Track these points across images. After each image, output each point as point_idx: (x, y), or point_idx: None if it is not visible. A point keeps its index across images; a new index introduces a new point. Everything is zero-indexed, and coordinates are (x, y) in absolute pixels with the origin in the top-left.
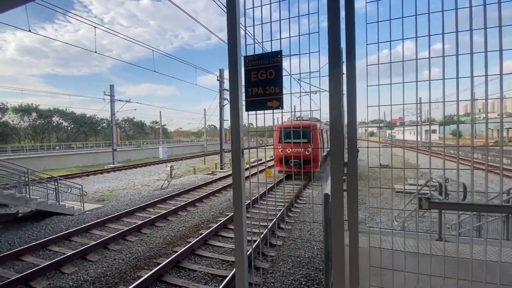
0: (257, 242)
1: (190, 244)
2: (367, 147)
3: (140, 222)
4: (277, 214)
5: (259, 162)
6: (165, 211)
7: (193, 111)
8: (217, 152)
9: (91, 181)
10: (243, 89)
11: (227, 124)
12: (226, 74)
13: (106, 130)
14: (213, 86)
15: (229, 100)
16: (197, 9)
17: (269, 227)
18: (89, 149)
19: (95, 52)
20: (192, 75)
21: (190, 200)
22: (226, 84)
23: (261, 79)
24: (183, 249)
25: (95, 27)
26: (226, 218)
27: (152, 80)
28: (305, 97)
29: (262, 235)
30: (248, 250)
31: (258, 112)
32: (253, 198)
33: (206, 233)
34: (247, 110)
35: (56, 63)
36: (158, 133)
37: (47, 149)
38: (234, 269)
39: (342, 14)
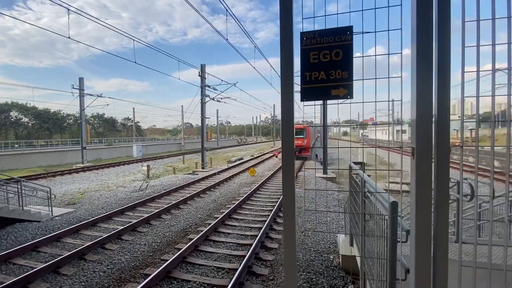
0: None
1: (180, 251)
2: (375, 147)
3: (120, 227)
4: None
5: (241, 161)
6: (147, 215)
7: (169, 107)
8: (196, 151)
9: (58, 182)
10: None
11: (209, 122)
12: (208, 69)
13: (73, 126)
14: (194, 82)
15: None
16: (173, 3)
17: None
18: (54, 147)
19: (69, 37)
20: (168, 71)
21: (173, 202)
22: (208, 80)
23: (323, 61)
24: (173, 257)
25: (68, 9)
26: (216, 220)
27: (123, 75)
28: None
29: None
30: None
31: (317, 102)
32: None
33: (196, 238)
34: (303, 99)
35: (14, 53)
36: (130, 130)
37: (4, 147)
38: (233, 279)
39: None
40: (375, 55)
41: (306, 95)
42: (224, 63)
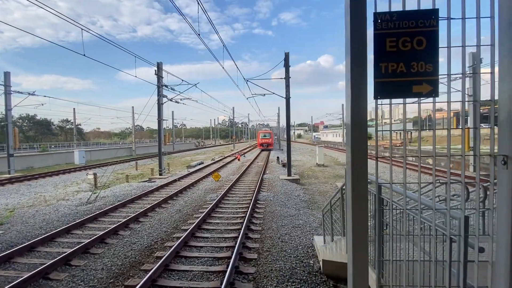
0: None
1: (149, 273)
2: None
3: (68, 250)
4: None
5: (201, 166)
6: (101, 232)
7: (117, 108)
8: (150, 155)
9: None
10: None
11: (165, 124)
12: (166, 68)
13: None
14: (149, 81)
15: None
16: None
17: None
18: None
19: None
20: (116, 68)
21: (132, 215)
22: (166, 80)
23: (403, 50)
24: (140, 281)
25: None
26: (185, 233)
27: (59, 71)
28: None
29: None
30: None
31: (394, 101)
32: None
33: (165, 255)
34: (377, 96)
35: None
36: (70, 134)
37: None
38: None
39: None
40: (463, 46)
41: (381, 91)
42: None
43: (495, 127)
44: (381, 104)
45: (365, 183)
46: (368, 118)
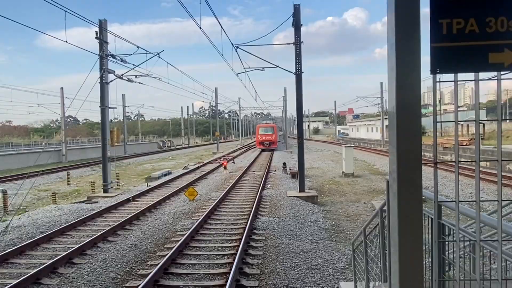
0: None
1: None
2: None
3: None
4: None
5: (169, 177)
6: (16, 280)
7: (39, 90)
8: (89, 162)
9: None
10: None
11: (113, 115)
12: (114, 29)
13: None
14: (88, 46)
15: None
16: None
17: None
18: None
19: None
20: (36, 28)
21: (61, 253)
22: (112, 47)
23: None
24: None
25: None
26: (144, 281)
27: None
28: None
29: None
30: None
31: (460, 77)
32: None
33: None
34: (434, 70)
35: None
36: None
37: None
38: None
39: None
40: None
41: (441, 62)
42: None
43: None
44: (441, 82)
45: (419, 202)
46: (422, 104)
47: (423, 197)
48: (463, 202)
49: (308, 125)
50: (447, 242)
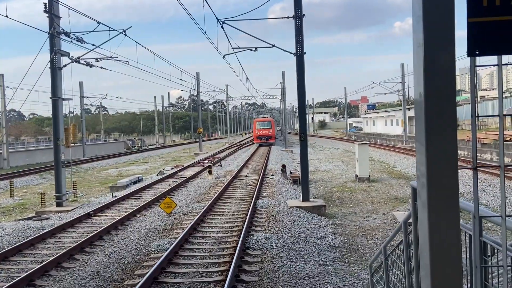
0: None
1: None
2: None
3: None
4: None
5: (139, 185)
6: None
7: None
8: (37, 168)
9: None
10: None
11: (68, 107)
12: (65, 0)
13: None
14: (35, 22)
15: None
16: None
17: None
18: None
19: None
20: None
21: (5, 284)
22: (66, 22)
23: None
24: None
25: None
26: None
27: None
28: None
29: None
30: None
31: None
32: None
33: None
34: (473, 50)
35: None
36: None
37: None
38: None
39: None
40: None
41: (481, 41)
42: None
43: None
44: (481, 66)
45: (455, 214)
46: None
47: (460, 209)
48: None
49: (313, 118)
50: (490, 267)
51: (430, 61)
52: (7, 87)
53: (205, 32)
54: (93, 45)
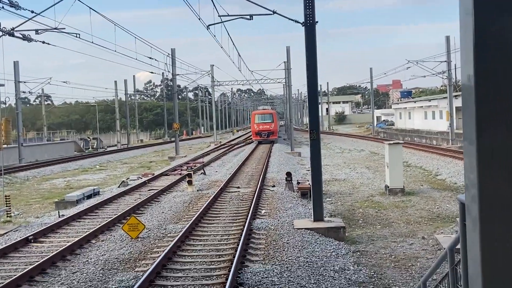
0: None
1: None
2: None
3: None
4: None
5: (95, 200)
6: None
7: None
8: None
9: None
10: None
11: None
12: None
13: None
14: None
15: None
16: None
17: None
18: None
19: None
20: None
21: None
22: None
23: None
24: None
25: None
26: None
27: None
28: None
29: None
30: None
31: None
32: None
33: None
34: None
35: None
36: None
37: None
38: None
39: None
40: None
41: None
42: None
43: None
44: None
45: None
46: None
47: None
48: None
49: (328, 109)
50: None
51: (482, 33)
52: None
53: None
54: (32, 12)
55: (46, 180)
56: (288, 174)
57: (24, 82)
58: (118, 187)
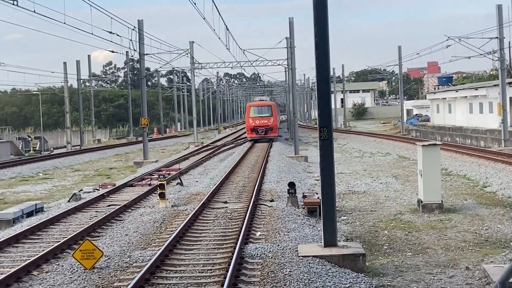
0: None
1: None
2: None
3: None
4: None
5: (39, 220)
6: None
7: None
8: None
9: None
10: None
11: None
12: None
13: None
14: None
15: None
16: None
17: None
18: None
19: None
20: None
21: None
22: None
23: None
24: None
25: None
26: None
27: None
28: None
29: None
30: None
31: None
32: None
33: None
34: None
35: None
36: None
37: None
38: None
39: None
40: None
41: None
42: None
43: None
44: None
45: None
46: None
47: None
48: None
49: (342, 100)
50: None
51: None
52: None
53: None
54: None
55: None
56: (291, 185)
57: None
58: (68, 201)
